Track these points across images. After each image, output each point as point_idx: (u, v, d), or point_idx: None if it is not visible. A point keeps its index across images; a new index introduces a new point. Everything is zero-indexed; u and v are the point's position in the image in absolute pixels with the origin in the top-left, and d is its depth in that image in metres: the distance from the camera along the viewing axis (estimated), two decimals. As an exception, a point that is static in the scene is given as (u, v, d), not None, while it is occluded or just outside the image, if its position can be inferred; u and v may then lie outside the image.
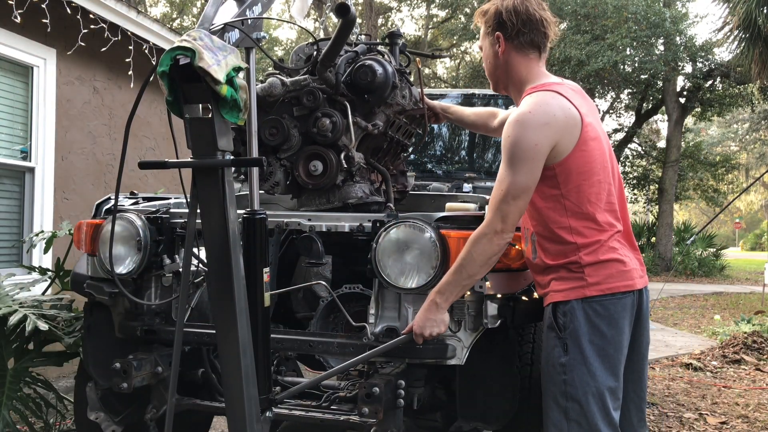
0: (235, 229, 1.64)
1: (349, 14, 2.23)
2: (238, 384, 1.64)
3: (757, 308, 9.48)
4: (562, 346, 1.89)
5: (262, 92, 2.46)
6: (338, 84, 2.46)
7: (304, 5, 2.30)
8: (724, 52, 15.66)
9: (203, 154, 1.60)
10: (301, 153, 2.46)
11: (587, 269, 1.89)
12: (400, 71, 2.63)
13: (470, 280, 1.94)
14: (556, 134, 1.84)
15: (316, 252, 2.28)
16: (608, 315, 1.88)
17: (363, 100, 2.50)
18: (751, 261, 28.34)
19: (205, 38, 1.57)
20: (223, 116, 1.59)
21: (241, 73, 1.65)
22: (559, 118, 1.85)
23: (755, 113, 21.76)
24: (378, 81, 2.45)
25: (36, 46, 4.74)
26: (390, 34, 2.86)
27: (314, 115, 2.45)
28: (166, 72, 1.52)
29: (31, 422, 3.07)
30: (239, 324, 1.63)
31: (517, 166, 1.84)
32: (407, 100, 2.62)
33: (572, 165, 1.88)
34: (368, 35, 3.13)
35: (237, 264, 1.64)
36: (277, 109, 2.50)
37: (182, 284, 1.73)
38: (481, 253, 1.89)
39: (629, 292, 1.91)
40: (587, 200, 1.90)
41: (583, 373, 1.86)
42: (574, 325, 1.88)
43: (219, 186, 1.61)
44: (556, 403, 1.91)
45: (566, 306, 1.90)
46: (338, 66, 2.47)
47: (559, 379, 1.89)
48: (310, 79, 2.48)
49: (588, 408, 1.86)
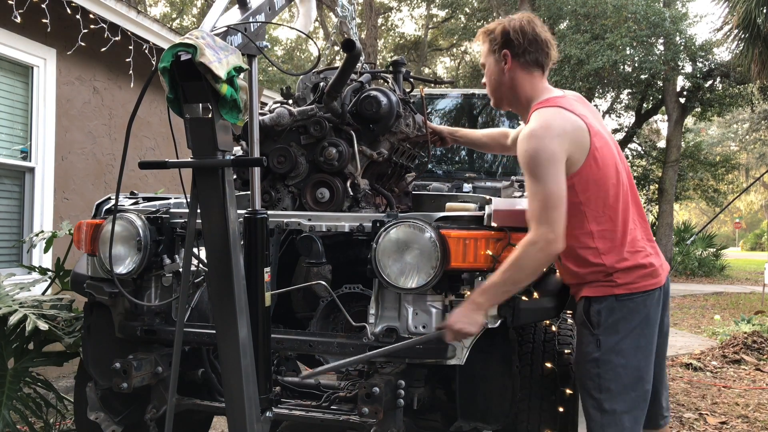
0: (235, 229, 1.64)
1: (355, 50, 2.32)
2: (238, 384, 1.64)
3: (757, 308, 9.48)
4: (595, 342, 1.98)
5: (270, 122, 2.55)
6: (344, 114, 2.55)
7: (307, 21, 2.34)
8: (724, 52, 15.66)
9: (203, 154, 1.60)
10: (308, 180, 2.54)
11: (615, 273, 1.98)
12: (404, 100, 2.72)
13: (515, 286, 1.97)
14: (569, 146, 1.92)
15: (316, 252, 2.28)
16: (640, 310, 1.98)
17: (368, 129, 2.59)
18: (751, 261, 28.34)
19: (207, 37, 1.58)
20: (223, 116, 1.59)
21: (241, 74, 1.65)
22: (568, 131, 1.94)
23: (755, 113, 21.74)
24: (383, 111, 2.54)
25: (36, 46, 4.74)
26: (394, 63, 2.98)
27: (321, 144, 2.53)
28: (167, 68, 1.52)
29: (31, 422, 3.07)
30: (239, 323, 1.63)
31: (544, 175, 1.89)
32: (411, 128, 2.71)
33: (588, 174, 1.96)
34: (372, 63, 3.27)
35: (237, 264, 1.64)
36: (285, 137, 2.58)
37: (182, 284, 1.73)
38: (531, 261, 1.91)
39: (658, 288, 2.01)
40: (606, 205, 1.98)
41: (616, 366, 1.96)
42: (608, 322, 1.97)
43: (219, 186, 1.61)
44: (591, 397, 2.00)
45: (600, 304, 1.99)
46: (344, 96, 2.56)
47: (593, 373, 1.98)
48: (316, 108, 2.56)
49: (622, 400, 1.96)
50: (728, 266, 19.53)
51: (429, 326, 2.07)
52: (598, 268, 2.00)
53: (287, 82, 18.71)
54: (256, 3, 1.95)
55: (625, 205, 2.01)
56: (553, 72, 14.28)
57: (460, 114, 4.59)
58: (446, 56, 27.15)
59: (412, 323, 2.11)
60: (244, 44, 1.82)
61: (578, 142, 1.94)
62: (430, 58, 25.93)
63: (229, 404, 1.68)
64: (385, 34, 24.76)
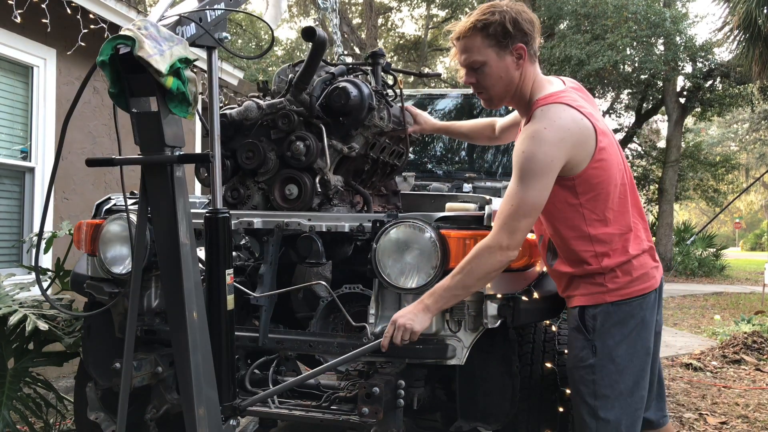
0: (186, 227, 1.59)
1: (316, 37, 2.24)
2: (188, 383, 1.59)
3: (757, 308, 9.48)
4: (590, 348, 1.92)
5: (239, 116, 2.48)
6: (313, 107, 2.44)
7: (277, 13, 2.28)
8: (724, 52, 15.69)
9: (151, 150, 1.56)
10: (277, 176, 2.46)
11: (607, 277, 1.92)
12: (378, 92, 2.61)
13: (464, 291, 1.92)
14: (571, 149, 1.82)
15: (316, 252, 2.28)
16: (636, 314, 1.92)
17: (339, 122, 2.47)
18: (751, 261, 28.33)
19: (151, 28, 1.51)
20: (171, 110, 1.54)
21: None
22: (574, 133, 1.82)
23: (755, 113, 21.75)
24: (352, 103, 2.43)
25: (36, 46, 4.74)
26: (372, 54, 2.86)
27: (289, 138, 2.44)
28: (106, 62, 1.47)
29: (31, 422, 3.07)
30: (189, 324, 1.57)
31: (530, 182, 1.80)
32: (385, 121, 2.59)
33: (590, 176, 1.88)
34: (352, 55, 3.18)
35: (188, 263, 1.58)
36: (255, 132, 2.51)
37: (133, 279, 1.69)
38: (481, 266, 1.86)
39: (652, 291, 1.95)
40: (606, 207, 1.91)
41: (612, 372, 1.90)
42: (603, 327, 1.91)
43: (168, 183, 1.57)
44: (586, 403, 1.93)
45: (595, 309, 1.93)
46: (314, 88, 2.46)
47: (588, 380, 1.92)
48: (286, 101, 2.47)
49: (617, 406, 1.90)
50: (728, 266, 19.51)
51: (429, 326, 2.06)
52: (594, 270, 1.93)
53: (287, 82, 18.68)
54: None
55: (625, 206, 1.94)
56: (553, 72, 14.28)
57: (460, 114, 4.59)
58: (446, 56, 27.14)
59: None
60: (199, 35, 1.76)
61: (581, 143, 1.83)
62: (430, 58, 25.92)
63: (184, 404, 1.62)
64: (385, 34, 24.75)
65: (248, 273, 2.59)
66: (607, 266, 1.92)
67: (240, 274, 2.56)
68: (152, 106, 1.56)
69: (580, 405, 1.96)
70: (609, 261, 1.92)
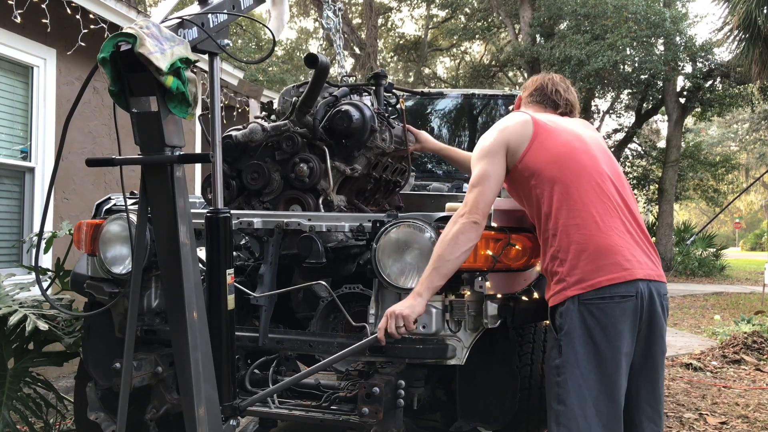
0: (186, 227, 1.59)
1: (318, 64, 2.31)
2: (188, 382, 1.59)
3: (757, 308, 9.48)
4: (557, 348, 1.88)
5: (243, 138, 2.54)
6: (316, 129, 2.52)
7: (279, 24, 2.31)
8: (724, 52, 15.66)
9: (151, 150, 1.56)
10: (282, 197, 2.51)
11: (563, 269, 1.89)
12: (380, 114, 2.67)
13: (443, 263, 1.93)
14: (508, 135, 2.03)
15: (316, 252, 2.28)
16: (604, 318, 1.84)
17: (341, 144, 2.55)
18: (751, 261, 28.33)
19: (153, 27, 1.51)
20: (171, 110, 1.53)
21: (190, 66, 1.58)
22: (509, 124, 2.06)
23: (755, 113, 21.75)
24: (354, 126, 2.51)
25: (36, 46, 4.74)
26: (375, 75, 2.96)
27: (293, 160, 2.50)
28: (107, 59, 1.47)
29: (31, 422, 3.07)
30: (189, 324, 1.57)
31: (478, 162, 2.03)
32: (387, 143, 2.66)
33: (530, 161, 1.98)
34: (354, 76, 3.25)
35: (188, 262, 1.59)
36: (260, 153, 2.57)
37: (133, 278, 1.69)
38: (450, 233, 1.94)
39: (629, 297, 1.84)
40: (555, 195, 1.91)
41: (575, 375, 1.83)
42: (569, 326, 1.86)
43: (168, 183, 1.57)
44: (550, 406, 1.89)
45: (562, 307, 1.89)
46: (317, 111, 2.53)
47: (553, 381, 1.88)
48: (290, 124, 2.54)
49: (578, 413, 1.81)
50: (728, 266, 19.51)
51: (429, 326, 2.07)
52: (550, 265, 1.93)
53: (287, 82, 18.70)
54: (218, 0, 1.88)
55: (588, 198, 1.90)
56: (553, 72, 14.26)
57: (460, 114, 4.59)
58: (446, 56, 27.16)
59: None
60: (201, 40, 1.76)
61: (517, 129, 2.03)
62: (430, 58, 25.92)
63: (184, 404, 1.62)
64: (385, 34, 24.75)
65: (248, 273, 2.59)
66: (558, 259, 1.89)
67: (240, 274, 2.56)
68: (152, 106, 1.55)
69: (548, 408, 1.91)
70: (559, 255, 1.90)
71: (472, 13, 21.17)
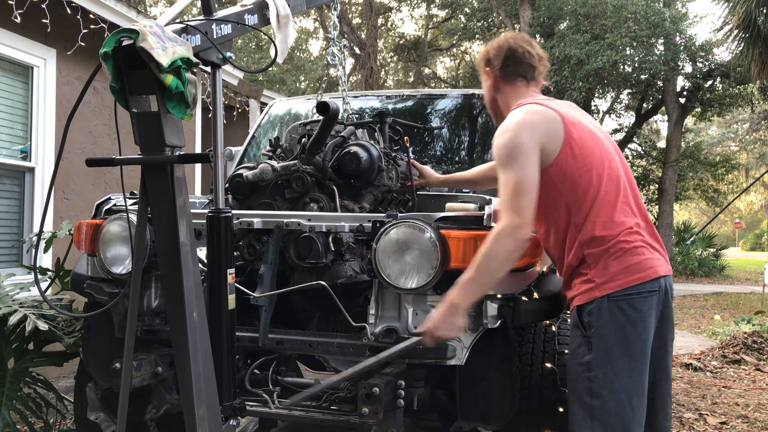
0: (186, 227, 1.59)
1: (329, 111, 2.39)
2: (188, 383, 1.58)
3: (757, 308, 9.48)
4: (587, 345, 1.92)
5: (254, 177, 2.59)
6: (325, 170, 2.59)
7: (284, 47, 2.33)
8: (724, 52, 15.63)
9: (151, 150, 1.56)
10: (292, 235, 2.45)
11: (592, 271, 1.92)
12: (386, 153, 2.75)
13: (491, 277, 1.91)
14: (541, 134, 1.93)
15: (316, 252, 2.28)
16: (634, 313, 1.90)
17: (350, 184, 2.63)
18: (751, 261, 28.33)
19: (156, 27, 1.51)
20: (169, 110, 1.53)
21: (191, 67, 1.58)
22: (537, 121, 1.96)
23: (755, 113, 21.74)
24: (363, 167, 2.58)
25: (36, 46, 4.74)
26: (379, 113, 3.03)
27: (303, 199, 2.55)
28: (109, 54, 1.47)
29: (31, 422, 3.07)
30: (189, 324, 1.57)
31: (513, 164, 1.91)
32: (393, 181, 2.75)
33: (565, 164, 1.94)
34: (359, 115, 3.35)
35: (188, 262, 1.59)
36: (270, 191, 2.61)
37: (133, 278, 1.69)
38: (502, 248, 1.88)
39: (654, 292, 1.92)
40: (588, 199, 1.93)
41: (608, 370, 1.88)
42: (600, 323, 1.90)
43: (168, 183, 1.57)
44: (581, 401, 1.92)
45: (591, 306, 1.92)
46: (326, 152, 2.61)
47: (583, 377, 1.92)
48: (299, 163, 2.58)
49: (612, 405, 1.88)
50: (728, 266, 19.52)
51: None
52: (581, 265, 1.95)
53: (287, 83, 18.70)
54: (223, 13, 1.90)
55: (613, 204, 1.94)
56: (553, 72, 14.29)
57: (460, 114, 4.59)
58: (446, 56, 27.17)
59: (411, 323, 2.11)
60: (203, 48, 1.77)
61: (549, 130, 1.94)
62: (430, 59, 25.93)
63: (184, 404, 1.62)
64: (385, 34, 24.76)
65: (248, 273, 2.59)
66: (589, 260, 1.93)
67: (240, 274, 2.56)
68: (152, 105, 1.56)
69: (575, 403, 1.95)
70: (593, 254, 1.93)
71: (472, 13, 21.16)
